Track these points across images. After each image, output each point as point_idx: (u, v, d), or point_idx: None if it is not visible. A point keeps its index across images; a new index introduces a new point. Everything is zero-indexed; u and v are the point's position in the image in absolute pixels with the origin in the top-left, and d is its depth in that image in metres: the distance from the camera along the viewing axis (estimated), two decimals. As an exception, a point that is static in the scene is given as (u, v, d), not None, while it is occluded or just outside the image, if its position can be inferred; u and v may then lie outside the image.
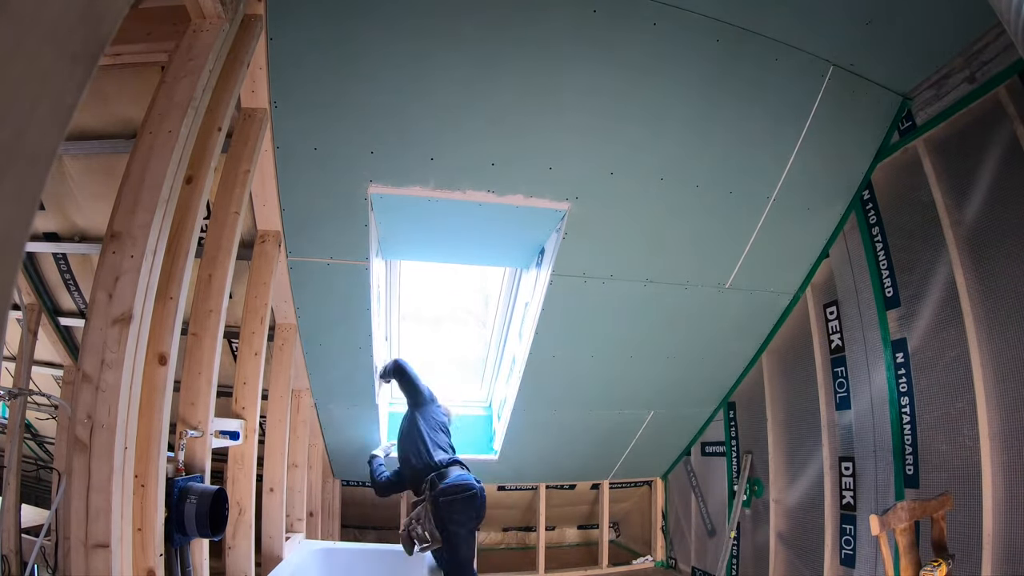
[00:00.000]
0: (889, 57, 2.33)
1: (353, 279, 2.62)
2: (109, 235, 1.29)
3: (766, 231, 2.80)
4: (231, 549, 2.08)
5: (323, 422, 3.38)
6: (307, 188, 2.32)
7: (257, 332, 2.24)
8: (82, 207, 2.49)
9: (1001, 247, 2.14)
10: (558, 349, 3.07)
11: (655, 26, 2.06)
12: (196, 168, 1.55)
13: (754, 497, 3.44)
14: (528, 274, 3.11)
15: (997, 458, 2.08)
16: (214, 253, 1.81)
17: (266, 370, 2.39)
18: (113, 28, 0.53)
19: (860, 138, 2.64)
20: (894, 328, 2.59)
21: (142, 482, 1.37)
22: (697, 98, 2.30)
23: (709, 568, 3.78)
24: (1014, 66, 2.06)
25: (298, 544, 2.73)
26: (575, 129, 2.30)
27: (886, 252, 2.66)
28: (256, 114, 2.02)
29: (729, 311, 3.13)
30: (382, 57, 2.01)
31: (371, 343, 2.87)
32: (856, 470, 2.74)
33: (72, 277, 2.92)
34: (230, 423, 2.01)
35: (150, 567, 1.35)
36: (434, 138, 2.25)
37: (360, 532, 4.23)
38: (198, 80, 1.46)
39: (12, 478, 2.85)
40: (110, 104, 2.08)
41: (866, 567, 2.63)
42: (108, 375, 1.21)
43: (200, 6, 1.51)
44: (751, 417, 3.52)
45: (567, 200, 2.49)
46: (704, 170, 2.53)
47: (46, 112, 0.45)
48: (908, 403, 2.48)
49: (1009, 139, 2.11)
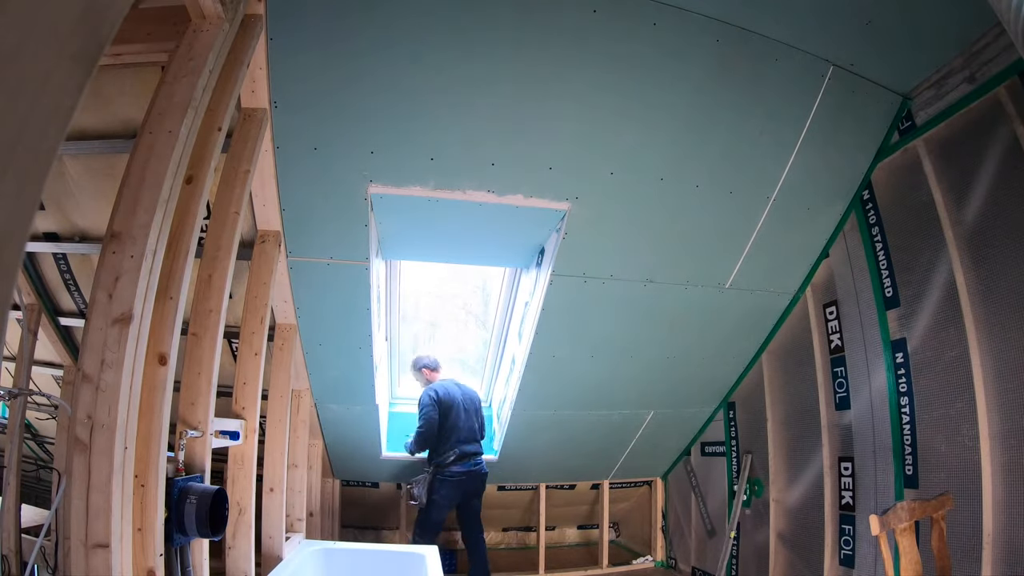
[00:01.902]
0: (889, 57, 2.33)
1: (353, 279, 2.62)
2: (109, 235, 1.29)
3: (766, 231, 2.80)
4: (231, 549, 2.08)
5: (323, 422, 3.38)
6: (307, 188, 2.32)
7: (257, 332, 2.24)
8: (82, 207, 2.49)
9: (1001, 247, 2.14)
10: (558, 349, 3.07)
11: (655, 26, 2.06)
12: (196, 168, 1.55)
13: (754, 497, 3.44)
14: (528, 274, 3.11)
15: (997, 458, 2.08)
16: (214, 253, 1.81)
17: (266, 370, 2.39)
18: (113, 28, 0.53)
19: (860, 138, 2.63)
20: (894, 328, 2.59)
21: (142, 482, 1.37)
22: (697, 98, 2.30)
23: (709, 568, 3.78)
24: (1014, 66, 2.05)
25: (298, 544, 2.73)
26: (575, 129, 2.30)
27: (886, 252, 2.66)
28: (256, 114, 2.02)
29: (729, 311, 3.13)
30: (382, 57, 2.01)
31: (371, 343, 2.87)
32: (856, 470, 2.74)
33: (72, 277, 2.91)
34: (230, 423, 2.01)
35: (150, 567, 1.35)
36: (434, 138, 2.25)
37: (360, 532, 4.23)
38: (198, 80, 1.46)
39: (12, 478, 2.85)
40: (110, 104, 2.08)
41: (866, 567, 2.63)
42: (108, 375, 1.21)
43: (200, 6, 1.50)
44: (751, 417, 3.52)
45: (567, 200, 2.49)
46: (704, 170, 2.53)
47: (46, 112, 0.45)
48: (908, 403, 2.48)
49: (1009, 139, 2.11)
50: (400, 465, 3.76)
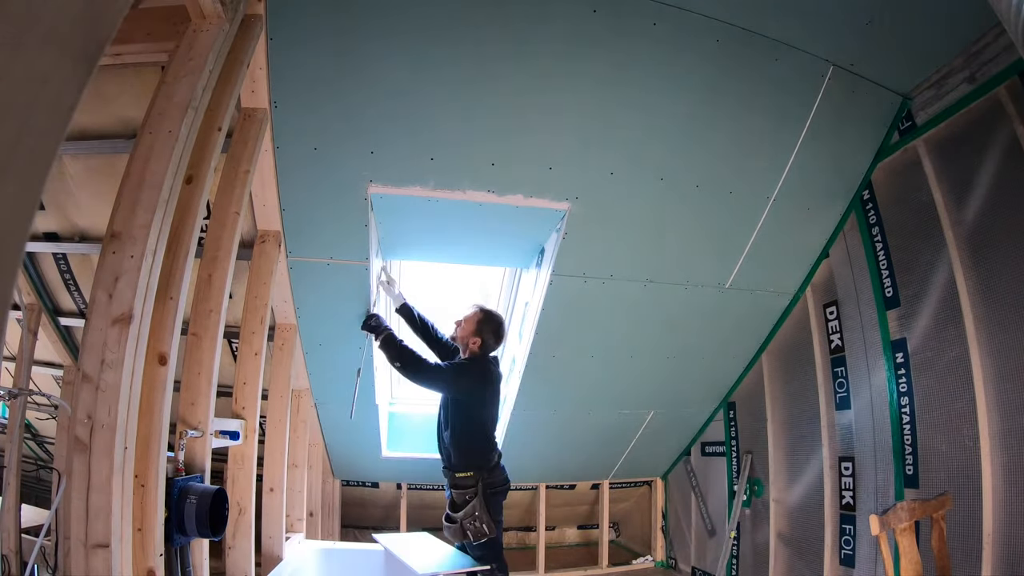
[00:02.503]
0: (889, 57, 2.32)
1: (353, 279, 2.62)
2: (109, 235, 1.30)
3: (766, 231, 2.80)
4: (231, 549, 2.08)
5: (323, 422, 3.38)
6: (307, 188, 2.32)
7: (257, 332, 2.24)
8: (82, 207, 2.49)
9: (1001, 247, 2.14)
10: (558, 349, 3.07)
11: (655, 26, 2.06)
12: (196, 168, 1.55)
13: (754, 497, 3.44)
14: (528, 274, 3.10)
15: (997, 458, 2.08)
16: (214, 253, 1.81)
17: (266, 370, 2.39)
18: (113, 28, 0.53)
19: (860, 138, 2.63)
20: (894, 328, 2.59)
21: (142, 482, 1.37)
22: (697, 98, 2.30)
23: (709, 568, 3.78)
24: (1014, 66, 2.05)
25: (298, 544, 2.73)
26: (575, 129, 2.30)
27: (886, 252, 2.66)
28: (256, 114, 2.02)
29: (729, 311, 3.13)
30: (382, 57, 2.01)
31: (371, 343, 2.87)
32: (856, 470, 2.74)
33: (72, 277, 2.92)
34: (230, 423, 2.01)
35: (150, 567, 1.35)
36: (434, 138, 2.24)
37: (360, 532, 4.23)
38: (198, 80, 1.46)
39: (12, 478, 2.85)
40: (110, 104, 2.08)
41: (866, 567, 2.63)
42: (108, 375, 1.21)
43: (200, 6, 1.51)
44: (751, 417, 3.52)
45: (567, 200, 2.49)
46: (704, 170, 2.53)
47: (46, 112, 0.45)
48: (908, 403, 2.48)
49: (1009, 139, 2.10)
50: (400, 465, 3.75)
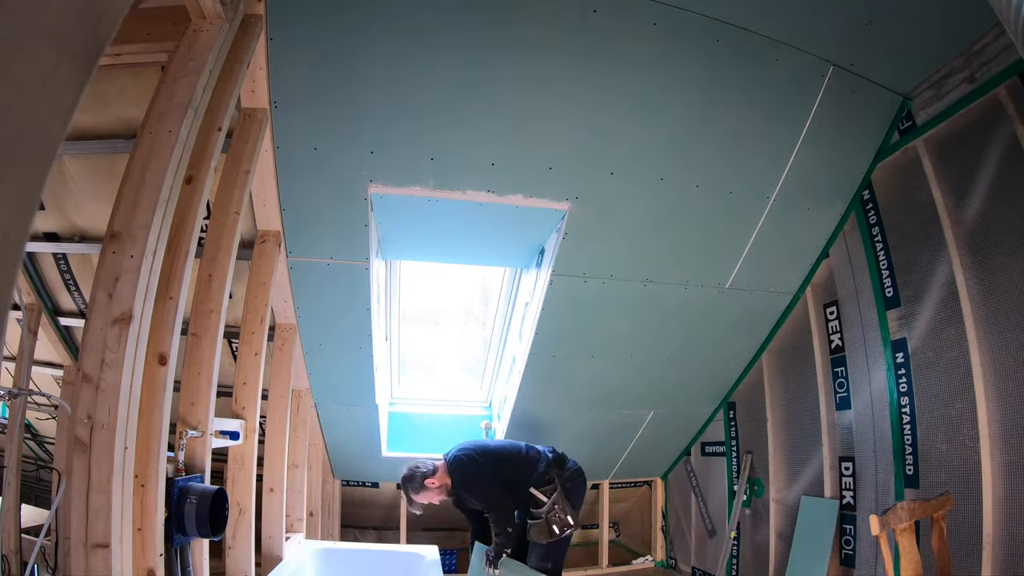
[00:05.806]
0: (889, 57, 2.32)
1: (353, 279, 2.62)
2: (109, 235, 1.30)
3: (766, 231, 2.80)
4: (231, 549, 2.08)
5: (323, 422, 3.38)
6: (307, 188, 2.32)
7: (257, 332, 2.24)
8: (82, 207, 2.49)
9: (1001, 247, 2.14)
10: (558, 349, 3.07)
11: (655, 26, 2.06)
12: (196, 168, 1.55)
13: (754, 497, 3.44)
14: (528, 274, 3.10)
15: (997, 458, 2.08)
16: (214, 253, 1.81)
17: (266, 370, 2.39)
18: (113, 28, 0.53)
19: (860, 138, 2.63)
20: (894, 328, 2.59)
21: (142, 482, 1.37)
22: (697, 98, 2.30)
23: (709, 568, 3.78)
24: (1014, 66, 2.05)
25: (298, 544, 2.73)
26: (575, 129, 2.30)
27: (886, 252, 2.66)
28: (256, 114, 2.02)
29: (729, 311, 3.13)
30: (382, 57, 2.01)
31: (371, 343, 2.87)
32: (856, 470, 2.74)
33: (72, 277, 2.92)
34: (230, 423, 2.01)
35: (150, 567, 1.35)
36: (434, 138, 2.24)
37: (360, 532, 4.23)
38: (198, 80, 1.46)
39: (12, 478, 2.85)
40: (110, 104, 2.08)
41: (866, 567, 2.63)
42: (108, 375, 1.21)
43: (200, 6, 1.51)
44: (751, 417, 3.52)
45: (567, 200, 2.49)
46: (704, 170, 2.53)
47: (46, 112, 0.45)
48: (908, 403, 2.48)
49: (1009, 139, 2.10)
50: (401, 464, 3.74)
